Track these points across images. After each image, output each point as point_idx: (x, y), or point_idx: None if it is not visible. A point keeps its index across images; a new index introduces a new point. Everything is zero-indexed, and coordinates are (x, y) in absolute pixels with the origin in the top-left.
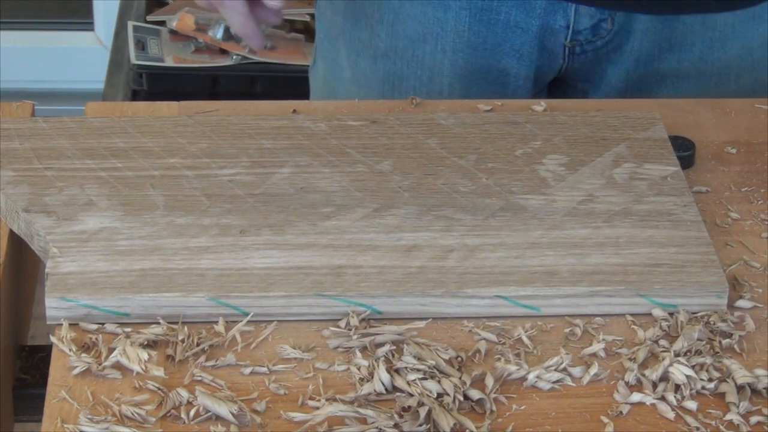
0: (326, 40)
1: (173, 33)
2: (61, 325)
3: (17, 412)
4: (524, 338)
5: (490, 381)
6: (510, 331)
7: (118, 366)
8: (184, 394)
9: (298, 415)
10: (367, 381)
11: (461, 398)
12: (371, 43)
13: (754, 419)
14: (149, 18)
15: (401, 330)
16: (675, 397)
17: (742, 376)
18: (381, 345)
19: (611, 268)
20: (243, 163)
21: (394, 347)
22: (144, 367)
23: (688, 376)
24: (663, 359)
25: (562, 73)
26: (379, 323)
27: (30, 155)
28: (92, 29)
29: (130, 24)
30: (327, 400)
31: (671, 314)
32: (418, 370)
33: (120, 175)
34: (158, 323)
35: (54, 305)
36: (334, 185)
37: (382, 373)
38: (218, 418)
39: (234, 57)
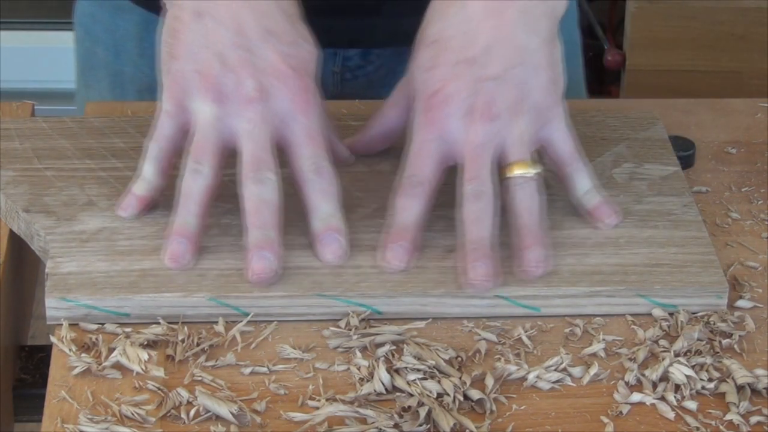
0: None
1: None
2: (61, 325)
3: (17, 412)
4: (524, 338)
5: (490, 381)
6: (510, 331)
7: (118, 366)
8: (184, 394)
9: (298, 415)
10: (367, 381)
11: (461, 398)
12: (134, 77)
13: (754, 419)
14: None
15: (401, 330)
16: (675, 397)
17: (742, 376)
18: (381, 345)
19: (611, 268)
20: None
21: (394, 347)
22: (144, 367)
23: (688, 376)
24: (663, 359)
25: (334, 99)
26: (379, 323)
27: (30, 155)
28: None
29: None
30: (327, 400)
31: (671, 314)
32: (418, 370)
33: (120, 175)
34: (158, 323)
35: (54, 305)
36: None
37: (382, 373)
38: (218, 418)
39: None
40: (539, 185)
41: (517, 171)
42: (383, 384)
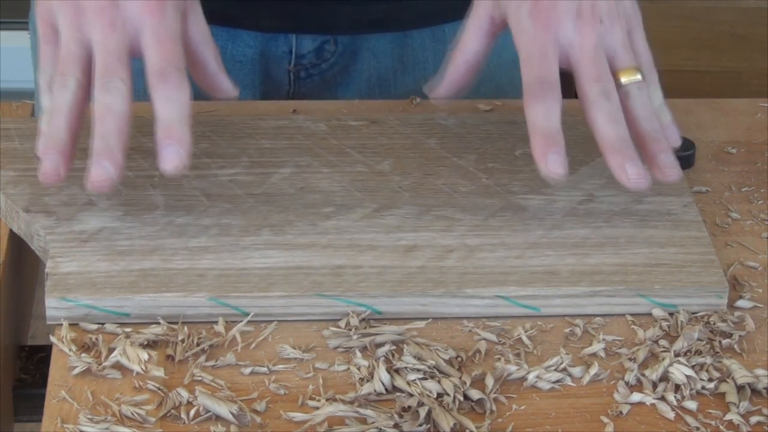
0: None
1: None
2: (61, 325)
3: (17, 412)
4: (524, 338)
5: (490, 381)
6: (510, 331)
7: (118, 366)
8: (184, 394)
9: (298, 415)
10: (367, 381)
11: (461, 398)
12: None
13: (754, 419)
14: None
15: (401, 330)
16: (675, 397)
17: (742, 376)
18: (381, 345)
19: (611, 268)
20: (243, 163)
21: (394, 347)
22: (144, 367)
23: (688, 376)
24: (663, 359)
25: (291, 98)
26: (379, 323)
27: (30, 155)
28: None
29: None
30: (327, 400)
31: (671, 314)
32: (418, 370)
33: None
34: (158, 323)
35: (54, 305)
36: (334, 185)
37: (382, 373)
38: (218, 418)
39: None
40: (658, 99)
41: (629, 77)
42: (383, 384)
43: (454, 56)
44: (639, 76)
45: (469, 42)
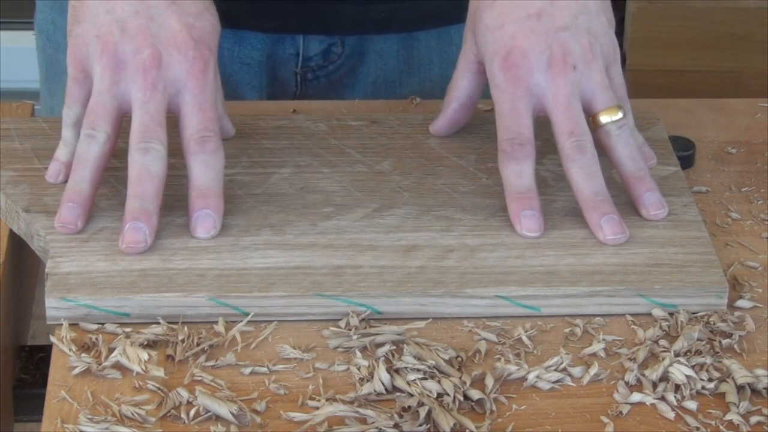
0: (49, 76)
1: None
2: (61, 325)
3: (17, 412)
4: (524, 338)
5: (490, 381)
6: (510, 331)
7: (118, 366)
8: (184, 394)
9: (298, 415)
10: (367, 381)
11: (461, 398)
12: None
13: (754, 419)
14: None
15: (401, 330)
16: (675, 397)
17: (742, 376)
18: (381, 345)
19: (611, 268)
20: (243, 163)
21: (394, 347)
22: (144, 367)
23: (688, 376)
24: (663, 359)
25: (297, 100)
26: (379, 323)
27: (30, 155)
28: None
29: None
30: (327, 400)
31: (671, 314)
32: (418, 370)
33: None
34: (158, 323)
35: (54, 305)
36: (334, 185)
37: (382, 373)
38: (218, 418)
39: None
40: (630, 126)
41: (608, 117)
42: (383, 384)
43: (448, 96)
44: (620, 114)
45: (460, 82)
